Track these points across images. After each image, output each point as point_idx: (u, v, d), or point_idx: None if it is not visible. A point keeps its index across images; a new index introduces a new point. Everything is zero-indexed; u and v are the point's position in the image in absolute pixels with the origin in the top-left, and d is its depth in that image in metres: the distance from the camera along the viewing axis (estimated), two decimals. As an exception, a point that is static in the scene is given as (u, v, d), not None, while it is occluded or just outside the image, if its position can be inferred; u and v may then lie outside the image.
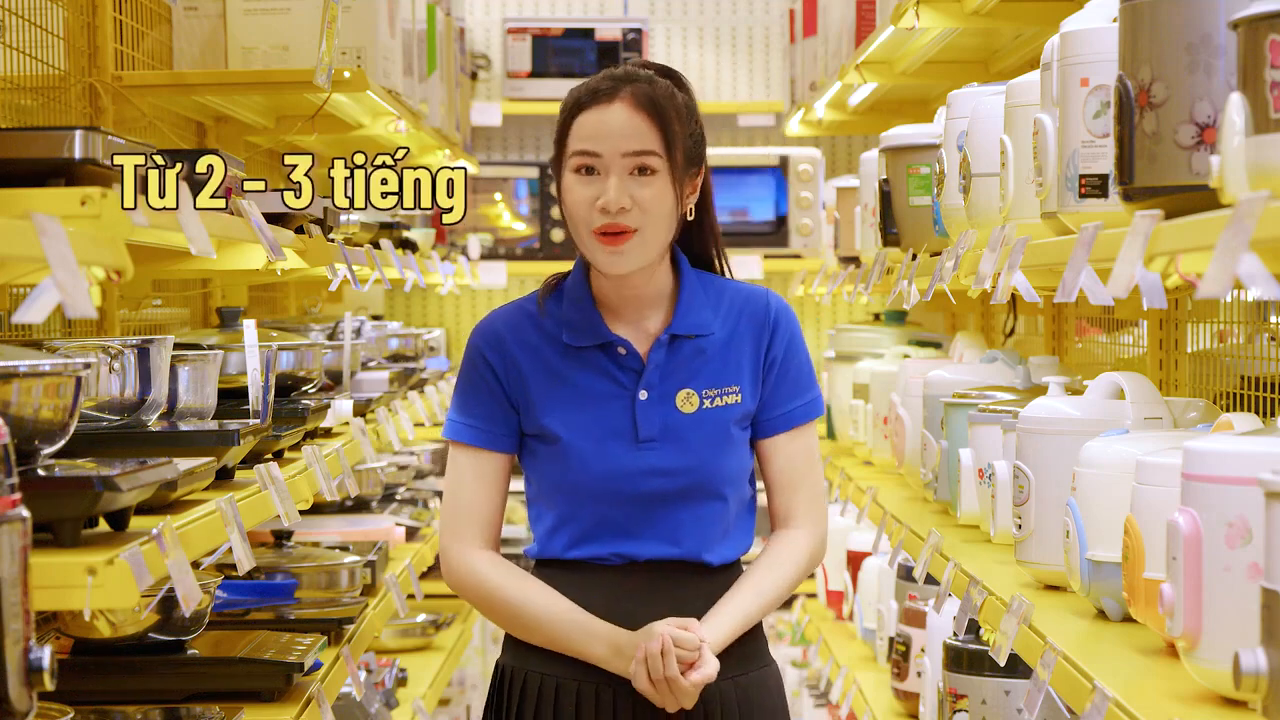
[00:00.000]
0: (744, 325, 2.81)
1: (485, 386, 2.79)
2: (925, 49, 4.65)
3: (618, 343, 2.77)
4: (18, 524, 1.79)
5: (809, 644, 6.18)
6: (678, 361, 2.78)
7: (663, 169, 2.69)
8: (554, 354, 2.78)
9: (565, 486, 2.76)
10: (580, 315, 2.78)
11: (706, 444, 2.75)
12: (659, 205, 2.69)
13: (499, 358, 2.79)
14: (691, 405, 2.77)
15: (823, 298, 6.00)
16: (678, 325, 2.78)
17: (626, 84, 2.71)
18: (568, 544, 2.77)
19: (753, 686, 2.80)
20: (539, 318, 2.80)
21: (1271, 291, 1.73)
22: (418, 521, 5.27)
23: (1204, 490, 2.07)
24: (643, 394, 2.75)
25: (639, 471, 2.74)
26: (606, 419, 2.75)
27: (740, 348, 2.79)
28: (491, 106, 7.13)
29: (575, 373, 2.77)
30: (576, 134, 2.71)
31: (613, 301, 2.78)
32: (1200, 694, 2.15)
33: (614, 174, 2.68)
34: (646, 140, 2.68)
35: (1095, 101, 2.55)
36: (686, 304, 2.79)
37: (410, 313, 7.39)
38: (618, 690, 2.73)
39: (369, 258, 4.21)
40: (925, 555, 3.46)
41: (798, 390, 2.82)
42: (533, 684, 2.77)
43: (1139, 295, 2.12)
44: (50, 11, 3.49)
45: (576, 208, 2.70)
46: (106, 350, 2.64)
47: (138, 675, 3.04)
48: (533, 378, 2.77)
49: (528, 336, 2.79)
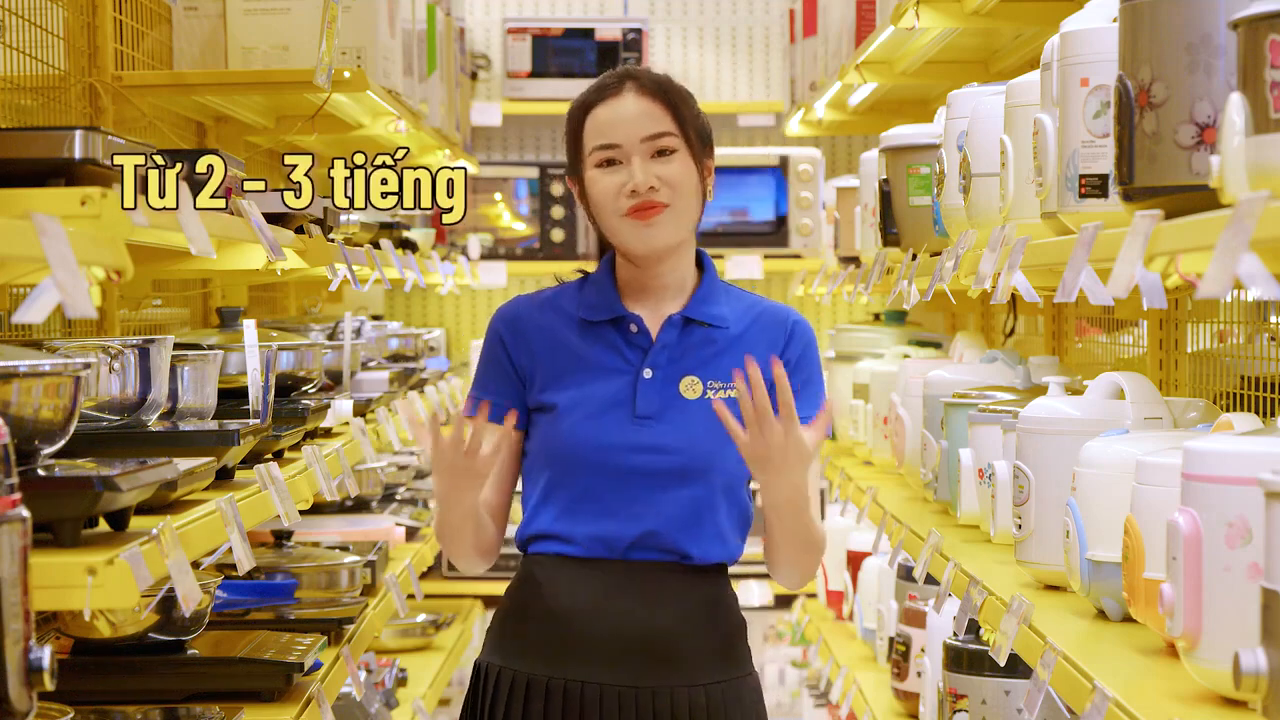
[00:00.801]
0: (760, 327, 2.83)
1: (497, 363, 2.84)
2: (925, 49, 4.65)
3: (630, 318, 2.80)
4: (18, 524, 1.79)
5: (809, 644, 6.18)
6: (686, 346, 2.79)
7: (681, 147, 2.75)
8: (568, 330, 2.82)
9: (556, 454, 2.76)
10: (599, 295, 2.82)
11: (703, 431, 2.75)
12: (685, 180, 2.75)
13: (512, 335, 2.83)
14: (694, 392, 2.78)
15: (823, 298, 6.00)
16: (692, 310, 2.81)
17: (628, 77, 2.79)
18: (551, 518, 2.77)
19: (729, 696, 2.78)
20: (558, 300, 2.85)
21: (1271, 291, 1.73)
22: (418, 521, 5.27)
23: (1204, 490, 2.07)
24: (647, 372, 2.77)
25: (630, 446, 2.74)
26: (607, 392, 2.77)
27: (752, 348, 2.79)
28: (491, 106, 7.13)
29: (585, 347, 2.80)
30: (591, 131, 2.76)
31: (633, 287, 2.82)
32: (1200, 694, 2.15)
33: (636, 158, 2.73)
34: (661, 122, 2.75)
35: (1095, 101, 2.55)
36: (704, 294, 2.82)
37: (410, 313, 7.39)
38: (599, 688, 2.73)
39: (369, 258, 4.21)
40: (925, 555, 3.46)
41: (810, 401, 2.81)
42: (505, 680, 2.77)
43: (1139, 295, 2.12)
44: (50, 11, 3.49)
45: (603, 197, 2.74)
46: (106, 350, 2.64)
47: (138, 675, 3.05)
48: (542, 352, 2.81)
49: (545, 316, 2.84)
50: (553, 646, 2.76)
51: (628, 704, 2.73)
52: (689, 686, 2.74)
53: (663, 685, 2.74)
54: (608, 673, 2.73)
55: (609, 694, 2.73)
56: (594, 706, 2.73)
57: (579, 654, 2.74)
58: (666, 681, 2.74)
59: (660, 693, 2.73)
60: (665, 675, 2.74)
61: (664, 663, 2.74)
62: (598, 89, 2.78)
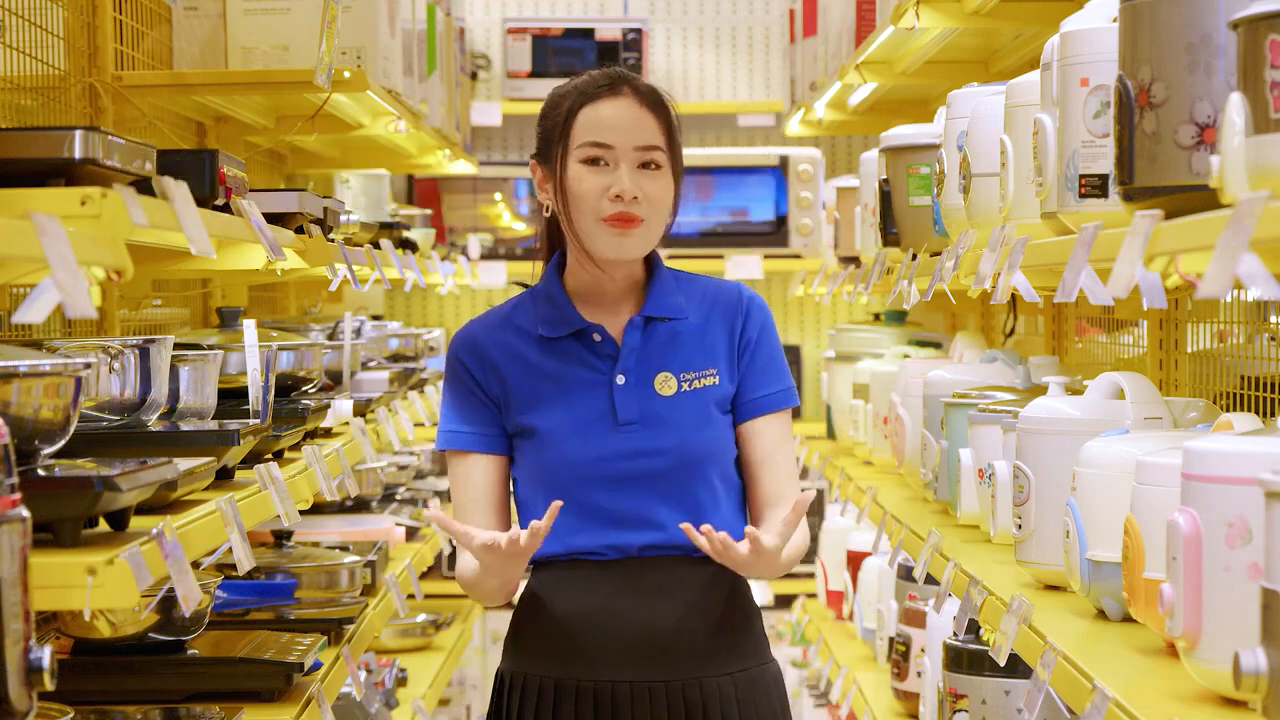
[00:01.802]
0: (718, 311, 2.85)
1: (467, 392, 2.83)
2: (925, 49, 4.64)
3: (592, 329, 2.80)
4: (18, 524, 1.79)
5: (809, 644, 6.18)
6: (653, 345, 2.80)
7: (666, 164, 2.77)
8: (531, 350, 2.81)
9: (548, 476, 2.76)
10: (554, 309, 2.82)
11: (687, 424, 2.76)
12: (663, 199, 2.76)
13: (476, 361, 2.83)
14: (670, 388, 2.79)
15: (823, 298, 6.00)
16: (650, 308, 2.81)
17: (625, 81, 2.79)
18: (559, 537, 2.77)
19: (753, 683, 2.81)
20: (513, 319, 2.84)
21: (1271, 291, 1.73)
22: (418, 521, 5.27)
23: (1204, 490, 2.07)
24: (620, 379, 2.77)
25: (620, 454, 2.75)
26: (586, 406, 2.77)
27: (715, 332, 2.82)
28: (491, 106, 7.13)
29: (552, 365, 2.80)
30: (584, 126, 2.76)
31: (585, 295, 2.82)
32: (1200, 694, 2.15)
33: (624, 165, 2.74)
34: (654, 135, 2.76)
35: (1095, 101, 2.55)
36: (658, 290, 2.83)
37: (410, 313, 7.39)
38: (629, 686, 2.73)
39: (369, 258, 4.21)
40: (925, 555, 3.46)
41: (775, 376, 2.85)
42: (532, 686, 2.78)
43: (1139, 295, 2.12)
44: (50, 11, 3.49)
45: (586, 197, 2.74)
46: (106, 350, 2.64)
47: (138, 675, 3.04)
48: (511, 376, 2.80)
49: (503, 337, 2.83)
50: (574, 648, 2.76)
51: (658, 698, 2.74)
52: (715, 676, 2.75)
53: (689, 678, 2.75)
54: (632, 669, 2.74)
55: (639, 690, 2.73)
56: (625, 704, 2.74)
57: (601, 653, 2.75)
58: (690, 674, 2.75)
59: (689, 685, 2.75)
60: (689, 667, 2.75)
61: (684, 655, 2.75)
62: (595, 85, 2.77)
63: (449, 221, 7.06)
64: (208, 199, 2.86)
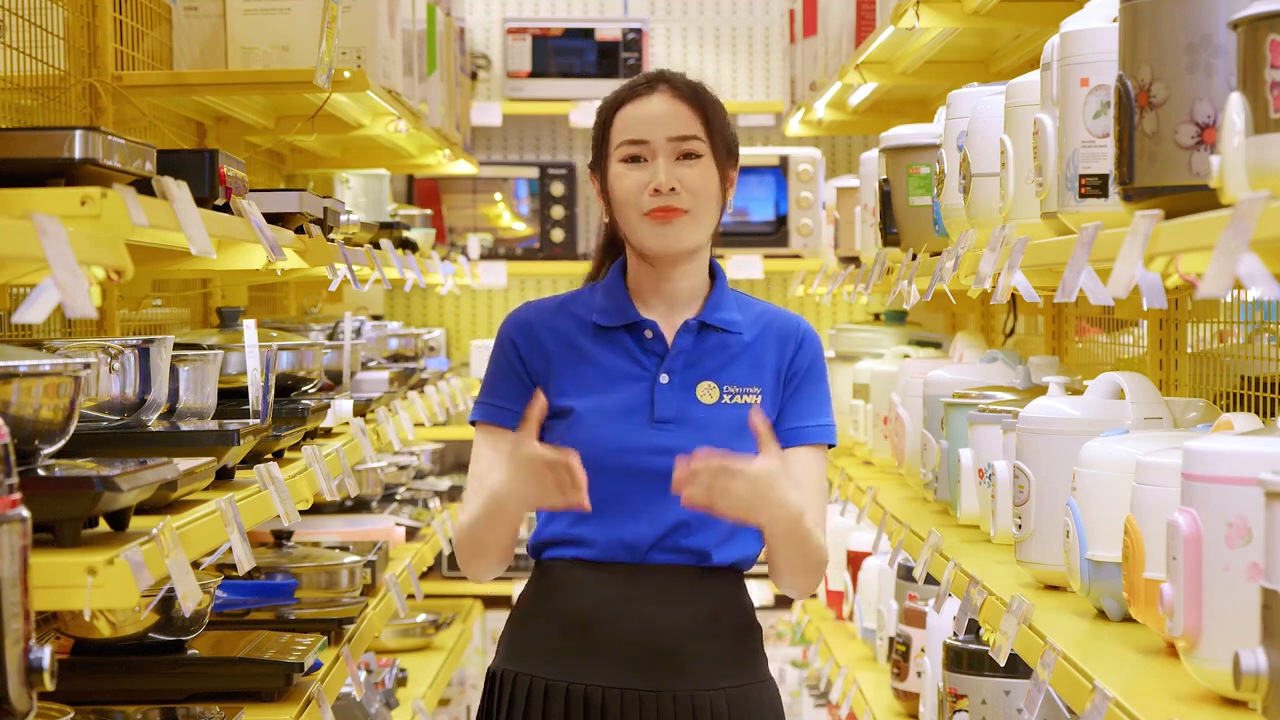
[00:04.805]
0: (772, 334, 2.84)
1: (509, 369, 2.83)
2: (925, 49, 4.65)
3: (645, 324, 2.80)
4: (18, 524, 1.79)
5: (809, 644, 6.18)
6: (702, 351, 2.80)
7: (706, 152, 2.77)
8: (582, 336, 2.82)
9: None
10: (611, 301, 2.83)
11: (722, 432, 2.75)
12: (706, 186, 2.76)
13: (525, 340, 2.83)
14: (711, 397, 2.78)
15: (823, 298, 6.00)
16: (708, 315, 2.82)
17: (661, 80, 2.81)
18: (568, 522, 2.77)
19: (748, 700, 2.79)
20: (569, 306, 2.85)
21: (1271, 291, 1.73)
22: (418, 521, 5.27)
23: (1204, 490, 2.07)
24: (664, 378, 2.77)
25: (649, 449, 2.74)
26: (624, 398, 2.77)
27: (765, 354, 2.82)
28: (491, 106, 7.12)
29: (600, 353, 2.80)
30: (620, 127, 2.78)
31: (646, 293, 2.83)
32: (1200, 694, 2.15)
33: (661, 158, 2.75)
34: (689, 125, 2.77)
35: (1095, 101, 2.55)
36: (717, 300, 2.83)
37: (410, 313, 7.39)
38: (620, 692, 2.73)
39: (369, 258, 4.21)
40: (925, 555, 3.46)
41: (817, 410, 2.83)
42: (523, 686, 2.77)
43: (1139, 295, 2.12)
44: (50, 11, 3.49)
45: (626, 193, 2.75)
46: (106, 350, 2.64)
47: (138, 675, 3.04)
48: (556, 357, 2.81)
49: (557, 321, 2.84)
50: (569, 651, 2.75)
51: (649, 708, 2.72)
52: (708, 690, 2.74)
53: (681, 690, 2.73)
54: (624, 677, 2.73)
55: (629, 698, 2.72)
56: (613, 710, 2.72)
57: (595, 658, 2.74)
58: (684, 686, 2.74)
59: (680, 697, 2.73)
60: (682, 679, 2.74)
61: (680, 667, 2.74)
62: (630, 87, 2.81)
63: (449, 221, 7.06)
64: (208, 199, 2.86)
